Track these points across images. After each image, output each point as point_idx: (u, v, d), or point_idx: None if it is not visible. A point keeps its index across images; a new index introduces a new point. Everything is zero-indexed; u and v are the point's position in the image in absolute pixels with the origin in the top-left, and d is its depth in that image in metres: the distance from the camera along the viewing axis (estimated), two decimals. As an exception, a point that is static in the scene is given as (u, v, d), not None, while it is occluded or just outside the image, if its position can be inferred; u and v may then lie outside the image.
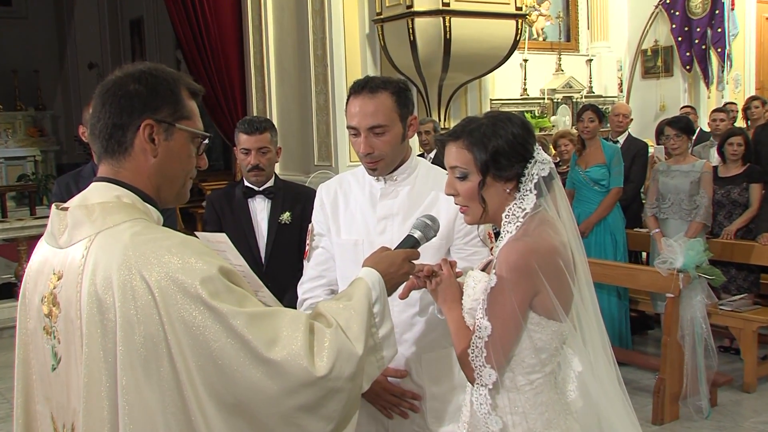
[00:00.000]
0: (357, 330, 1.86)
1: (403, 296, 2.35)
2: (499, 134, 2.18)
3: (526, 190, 2.20)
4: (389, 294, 2.14)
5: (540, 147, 2.26)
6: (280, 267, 3.86)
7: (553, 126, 11.21)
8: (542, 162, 2.21)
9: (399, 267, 2.21)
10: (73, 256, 1.75)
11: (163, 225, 1.85)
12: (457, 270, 2.39)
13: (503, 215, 2.22)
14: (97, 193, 1.82)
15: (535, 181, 2.19)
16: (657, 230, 6.71)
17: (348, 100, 2.70)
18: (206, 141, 1.95)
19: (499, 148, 2.17)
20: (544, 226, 2.17)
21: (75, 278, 1.72)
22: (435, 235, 2.41)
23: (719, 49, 11.50)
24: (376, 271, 2.11)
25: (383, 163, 2.68)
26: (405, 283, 2.28)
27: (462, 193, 2.25)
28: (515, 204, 2.21)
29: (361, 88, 2.65)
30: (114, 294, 1.65)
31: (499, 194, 2.22)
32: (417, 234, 2.35)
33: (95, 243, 1.72)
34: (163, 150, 1.85)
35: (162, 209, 1.91)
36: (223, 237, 2.17)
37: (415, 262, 2.29)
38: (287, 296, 3.21)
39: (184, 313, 1.62)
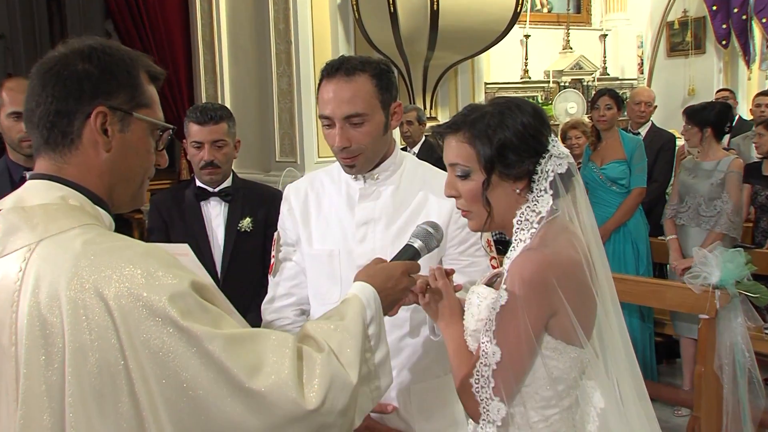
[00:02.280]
0: (351, 355, 1.87)
1: (392, 313, 2.35)
2: (507, 125, 2.20)
3: (540, 190, 2.21)
4: (385, 313, 2.16)
5: (556, 139, 2.27)
6: (239, 283, 3.86)
7: (559, 116, 11.23)
8: (558, 157, 2.23)
9: (397, 282, 2.23)
10: (6, 269, 1.73)
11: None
12: (456, 284, 2.42)
13: (514, 220, 2.23)
14: (36, 193, 1.81)
15: (550, 179, 2.20)
16: (673, 236, 6.58)
17: (320, 84, 2.71)
18: (168, 133, 1.96)
19: (507, 141, 2.19)
20: (565, 234, 2.19)
21: (9, 296, 1.70)
22: (438, 245, 2.44)
23: (764, 20, 11.31)
24: (370, 287, 2.12)
25: (362, 159, 2.70)
26: None
27: (464, 194, 2.26)
28: (528, 207, 2.22)
29: (335, 70, 2.66)
30: (62, 314, 1.63)
31: (508, 195, 2.23)
32: (417, 244, 2.37)
33: (37, 253, 1.70)
34: (118, 143, 1.85)
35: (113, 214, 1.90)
36: (185, 249, 2.16)
37: (414, 276, 2.32)
38: (248, 317, 3.21)
39: (150, 336, 1.61)
